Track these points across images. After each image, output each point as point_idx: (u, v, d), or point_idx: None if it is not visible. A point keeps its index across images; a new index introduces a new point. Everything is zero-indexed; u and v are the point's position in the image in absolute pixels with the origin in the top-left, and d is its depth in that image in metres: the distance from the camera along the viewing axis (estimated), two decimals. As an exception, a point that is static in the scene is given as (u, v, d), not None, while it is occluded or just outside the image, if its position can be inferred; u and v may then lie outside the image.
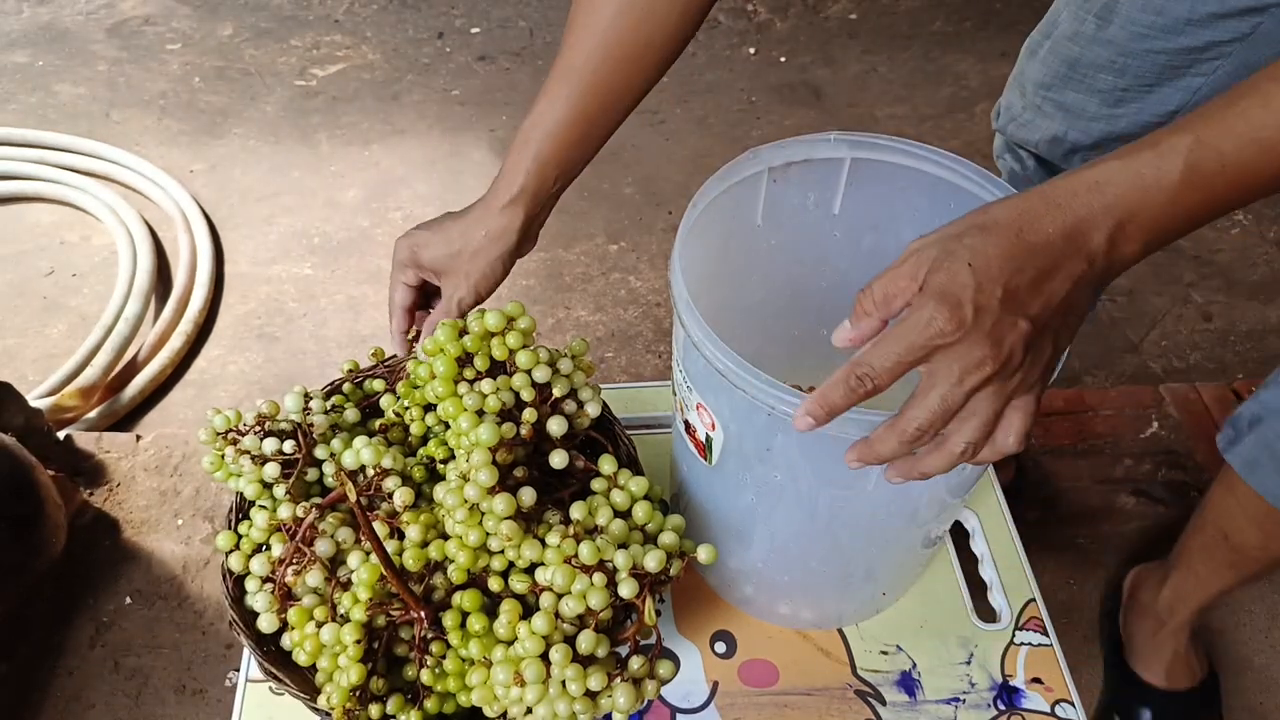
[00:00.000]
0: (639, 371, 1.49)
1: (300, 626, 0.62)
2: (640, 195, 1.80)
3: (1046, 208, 0.44)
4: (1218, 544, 0.90)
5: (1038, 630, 0.76)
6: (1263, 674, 1.08)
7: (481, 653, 0.58)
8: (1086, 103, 0.80)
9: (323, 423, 0.70)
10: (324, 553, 0.63)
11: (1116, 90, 0.78)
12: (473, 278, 0.68)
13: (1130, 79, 0.76)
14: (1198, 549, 0.94)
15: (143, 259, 1.62)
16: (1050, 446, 1.24)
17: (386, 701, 0.59)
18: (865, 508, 0.61)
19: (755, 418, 0.55)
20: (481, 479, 0.58)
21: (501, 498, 0.58)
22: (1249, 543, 0.86)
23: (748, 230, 0.68)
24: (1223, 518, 0.88)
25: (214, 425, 0.68)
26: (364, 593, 0.60)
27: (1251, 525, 0.84)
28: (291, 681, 0.62)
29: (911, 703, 0.72)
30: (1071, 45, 0.79)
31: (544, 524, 0.62)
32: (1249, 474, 0.80)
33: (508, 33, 2.24)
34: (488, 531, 0.59)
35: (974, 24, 2.22)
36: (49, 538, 1.08)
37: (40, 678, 1.05)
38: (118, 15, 2.30)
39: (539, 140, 0.65)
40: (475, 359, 0.64)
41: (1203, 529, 0.92)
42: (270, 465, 0.66)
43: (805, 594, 0.74)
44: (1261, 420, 0.78)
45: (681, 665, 0.75)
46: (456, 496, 0.59)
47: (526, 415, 0.62)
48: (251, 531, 0.66)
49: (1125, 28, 0.74)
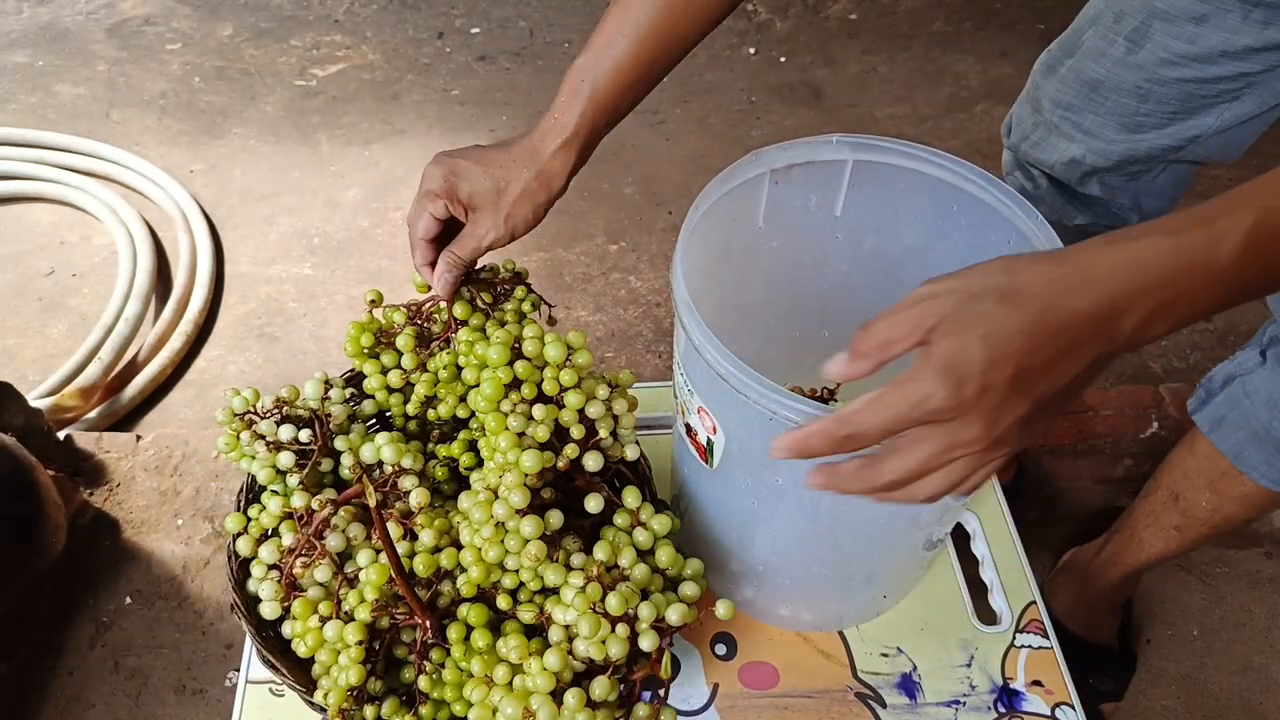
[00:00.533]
0: (639, 371, 1.49)
1: (304, 619, 0.61)
2: (640, 195, 1.80)
3: (1081, 283, 0.39)
4: (1166, 506, 0.90)
5: (1038, 633, 0.76)
6: (1263, 674, 1.08)
7: (483, 670, 0.58)
8: (1105, 125, 0.79)
9: (341, 413, 0.69)
10: (334, 547, 0.62)
11: (1138, 115, 0.77)
12: (513, 220, 0.64)
13: (1153, 105, 0.75)
14: (1143, 513, 0.95)
15: (143, 259, 1.62)
16: (1050, 446, 1.24)
17: (382, 703, 0.59)
18: (866, 511, 0.61)
19: (757, 422, 0.55)
20: (514, 500, 0.58)
21: (530, 520, 0.58)
22: (1200, 505, 0.86)
23: (749, 232, 0.68)
24: (1177, 480, 0.88)
25: (232, 406, 0.67)
26: (371, 593, 0.60)
27: (1206, 487, 0.85)
28: (288, 672, 0.62)
29: (912, 705, 0.72)
30: (1096, 66, 0.77)
31: (563, 549, 0.61)
32: (1213, 430, 0.81)
33: (508, 33, 2.24)
34: (508, 550, 0.59)
35: (974, 24, 2.22)
36: (49, 538, 1.08)
37: (40, 678, 1.05)
38: (118, 15, 2.30)
39: (594, 82, 0.62)
40: (524, 387, 0.63)
41: (1154, 491, 0.93)
42: (285, 454, 0.66)
43: (806, 596, 0.74)
44: (1234, 378, 0.79)
45: (682, 667, 0.75)
46: (484, 512, 0.59)
47: (568, 450, 0.62)
48: (261, 516, 0.66)
49: (1156, 53, 0.72)
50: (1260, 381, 0.76)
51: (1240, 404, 0.78)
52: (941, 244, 0.67)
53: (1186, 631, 1.13)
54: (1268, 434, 0.76)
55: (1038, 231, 0.63)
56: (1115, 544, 1.00)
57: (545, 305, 0.73)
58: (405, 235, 0.69)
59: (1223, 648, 1.11)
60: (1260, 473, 0.78)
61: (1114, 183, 0.85)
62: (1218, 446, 0.80)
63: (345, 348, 0.71)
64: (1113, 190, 0.85)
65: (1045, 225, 0.62)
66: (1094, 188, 0.85)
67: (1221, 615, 1.13)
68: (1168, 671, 1.09)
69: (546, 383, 0.62)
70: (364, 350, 0.71)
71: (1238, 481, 0.81)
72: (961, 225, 0.65)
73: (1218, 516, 0.85)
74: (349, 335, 0.70)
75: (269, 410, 0.68)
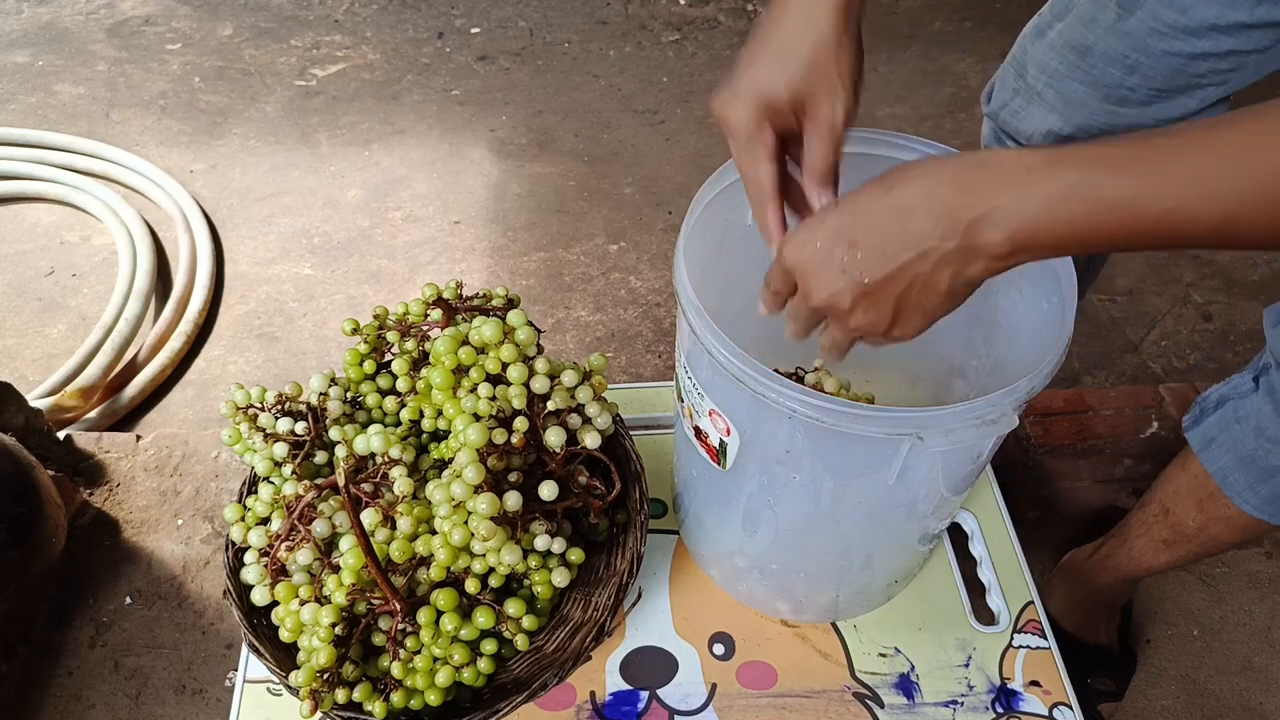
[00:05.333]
0: (639, 371, 1.49)
1: (286, 603, 0.63)
2: (640, 195, 1.80)
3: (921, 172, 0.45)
4: (1157, 519, 0.90)
5: (1036, 633, 0.76)
6: (1263, 674, 1.08)
7: (445, 654, 0.60)
8: (1090, 95, 0.77)
9: (337, 408, 0.71)
10: (320, 533, 0.64)
11: (1123, 88, 0.75)
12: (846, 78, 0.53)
13: (1139, 78, 0.73)
14: (1137, 522, 0.94)
15: (143, 259, 1.62)
16: (1050, 446, 1.24)
17: (354, 688, 0.60)
18: (864, 495, 0.61)
19: (776, 421, 0.55)
20: (468, 476, 0.58)
21: (485, 497, 0.58)
22: (1187, 522, 0.86)
23: (740, 230, 0.68)
24: (1169, 494, 0.88)
25: (235, 400, 0.70)
26: (348, 577, 0.61)
27: (1194, 505, 0.84)
28: (272, 657, 0.62)
29: (910, 705, 0.72)
30: (1086, 31, 0.75)
31: (529, 533, 0.62)
32: (1203, 450, 0.80)
33: (508, 33, 2.24)
34: (473, 532, 0.59)
35: (974, 24, 2.22)
36: (49, 538, 1.08)
37: (40, 678, 1.05)
38: (118, 15, 2.30)
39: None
40: (472, 370, 0.64)
41: (1148, 503, 0.92)
42: (280, 445, 0.68)
43: (806, 583, 0.74)
44: (1227, 401, 0.79)
45: (680, 667, 0.75)
46: (444, 492, 0.60)
47: (518, 424, 0.63)
48: (256, 505, 0.68)
49: (1146, 22, 0.70)
50: (1251, 408, 0.76)
51: (1231, 428, 0.77)
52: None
53: (1186, 631, 1.12)
54: (1253, 461, 0.76)
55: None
56: (1109, 548, 0.99)
57: (535, 331, 0.74)
58: (405, 235, 0.69)
59: (1223, 648, 1.11)
60: (1243, 498, 0.78)
61: None
62: (1206, 467, 0.80)
63: (346, 373, 0.74)
64: None
65: None
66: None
67: (1221, 615, 1.13)
68: (1168, 671, 1.09)
69: (488, 362, 0.64)
70: (366, 377, 0.74)
71: (1223, 504, 0.80)
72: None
73: (1204, 535, 0.85)
74: (346, 362, 0.73)
75: (271, 405, 0.70)
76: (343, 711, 0.60)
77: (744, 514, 0.68)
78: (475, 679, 0.62)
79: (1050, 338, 0.58)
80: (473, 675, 0.61)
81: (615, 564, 0.69)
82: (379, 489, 0.66)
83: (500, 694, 0.63)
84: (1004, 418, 0.52)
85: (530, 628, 0.63)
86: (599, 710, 0.72)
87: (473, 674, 0.61)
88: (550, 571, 0.64)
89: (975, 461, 0.62)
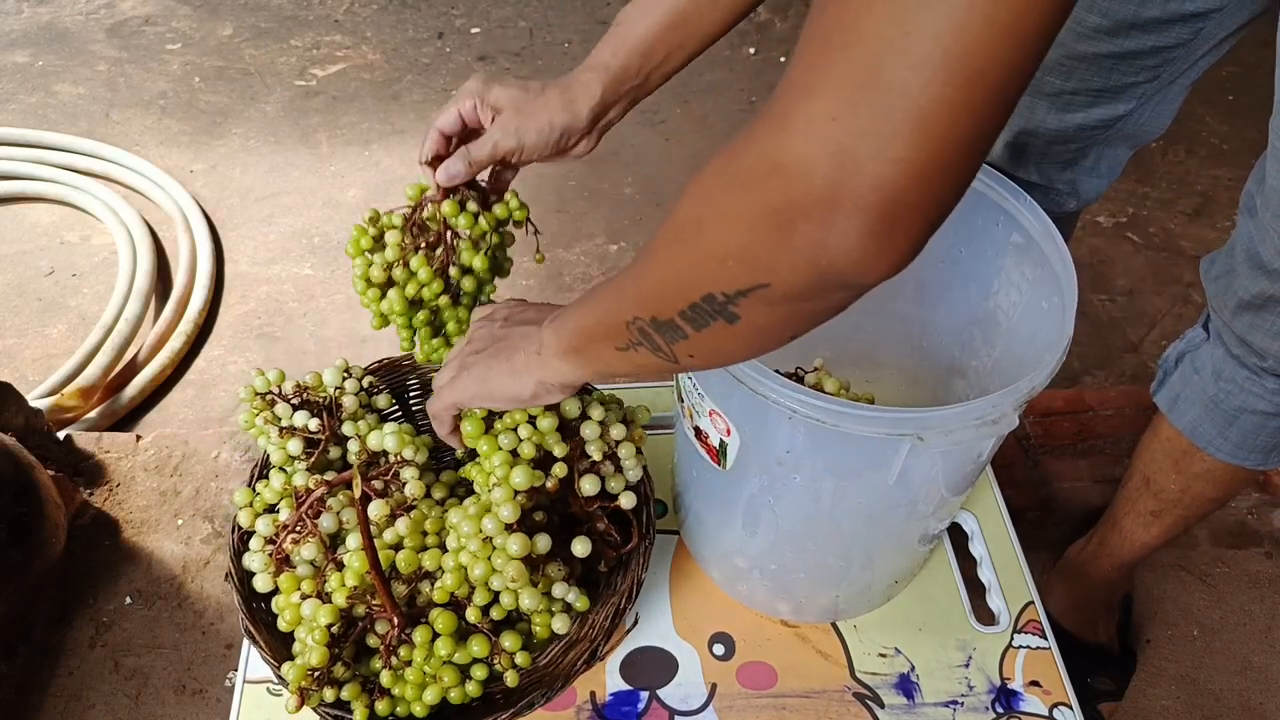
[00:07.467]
0: (639, 372, 1.49)
1: (287, 594, 0.63)
2: (640, 195, 1.80)
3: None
4: (1140, 491, 0.91)
5: (1036, 633, 0.76)
6: (1263, 674, 1.08)
7: (435, 673, 0.59)
8: (1036, 104, 0.80)
9: (352, 403, 0.71)
10: (326, 528, 0.64)
11: (1065, 94, 0.78)
12: (525, 130, 0.64)
13: (1077, 82, 0.76)
14: (1122, 500, 0.95)
15: (143, 259, 1.62)
16: (1050, 446, 1.24)
17: (343, 688, 0.60)
18: (863, 495, 0.61)
19: (776, 421, 0.55)
20: (504, 514, 0.58)
21: (518, 538, 0.58)
22: (1169, 486, 0.87)
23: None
24: (1146, 463, 0.89)
25: (254, 385, 0.70)
26: (351, 579, 0.61)
27: (1172, 468, 0.85)
28: (267, 645, 0.62)
29: (910, 705, 0.72)
30: None
31: (545, 576, 0.61)
32: (1170, 409, 0.82)
33: (508, 33, 2.24)
34: (494, 568, 0.59)
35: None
36: (49, 538, 1.08)
37: (40, 678, 1.05)
38: (118, 15, 2.30)
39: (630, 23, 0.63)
40: (504, 415, 0.62)
41: (1129, 479, 0.93)
42: (294, 441, 0.68)
43: (807, 583, 0.74)
44: (1184, 355, 0.81)
45: (680, 667, 0.75)
46: (473, 525, 0.59)
47: (556, 469, 0.62)
48: (265, 492, 0.68)
49: (1071, 29, 0.73)
50: (1206, 355, 0.78)
51: (1190, 379, 0.79)
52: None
53: (1186, 631, 1.12)
54: (1217, 405, 0.77)
55: (1025, 212, 0.64)
56: (1101, 534, 1.00)
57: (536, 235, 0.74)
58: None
59: (1223, 648, 1.11)
60: (1215, 446, 0.80)
61: (1050, 170, 0.86)
62: (1175, 424, 0.82)
63: (346, 249, 0.73)
64: (1050, 176, 0.86)
65: (1033, 205, 0.63)
66: (1032, 173, 0.86)
67: (1221, 615, 1.13)
68: (1168, 671, 1.09)
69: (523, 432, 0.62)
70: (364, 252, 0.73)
71: (1199, 459, 0.82)
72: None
73: (1187, 497, 0.86)
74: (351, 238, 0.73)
75: (289, 394, 0.70)
76: (330, 710, 0.59)
77: (744, 514, 0.68)
78: (461, 699, 0.61)
79: (1050, 338, 0.58)
80: (460, 696, 0.61)
81: (616, 584, 0.68)
82: (389, 487, 0.66)
83: (489, 705, 0.63)
84: (1004, 418, 0.52)
85: (523, 664, 0.62)
86: (599, 710, 0.72)
87: (460, 695, 0.61)
88: (553, 616, 0.63)
89: (975, 462, 0.62)
